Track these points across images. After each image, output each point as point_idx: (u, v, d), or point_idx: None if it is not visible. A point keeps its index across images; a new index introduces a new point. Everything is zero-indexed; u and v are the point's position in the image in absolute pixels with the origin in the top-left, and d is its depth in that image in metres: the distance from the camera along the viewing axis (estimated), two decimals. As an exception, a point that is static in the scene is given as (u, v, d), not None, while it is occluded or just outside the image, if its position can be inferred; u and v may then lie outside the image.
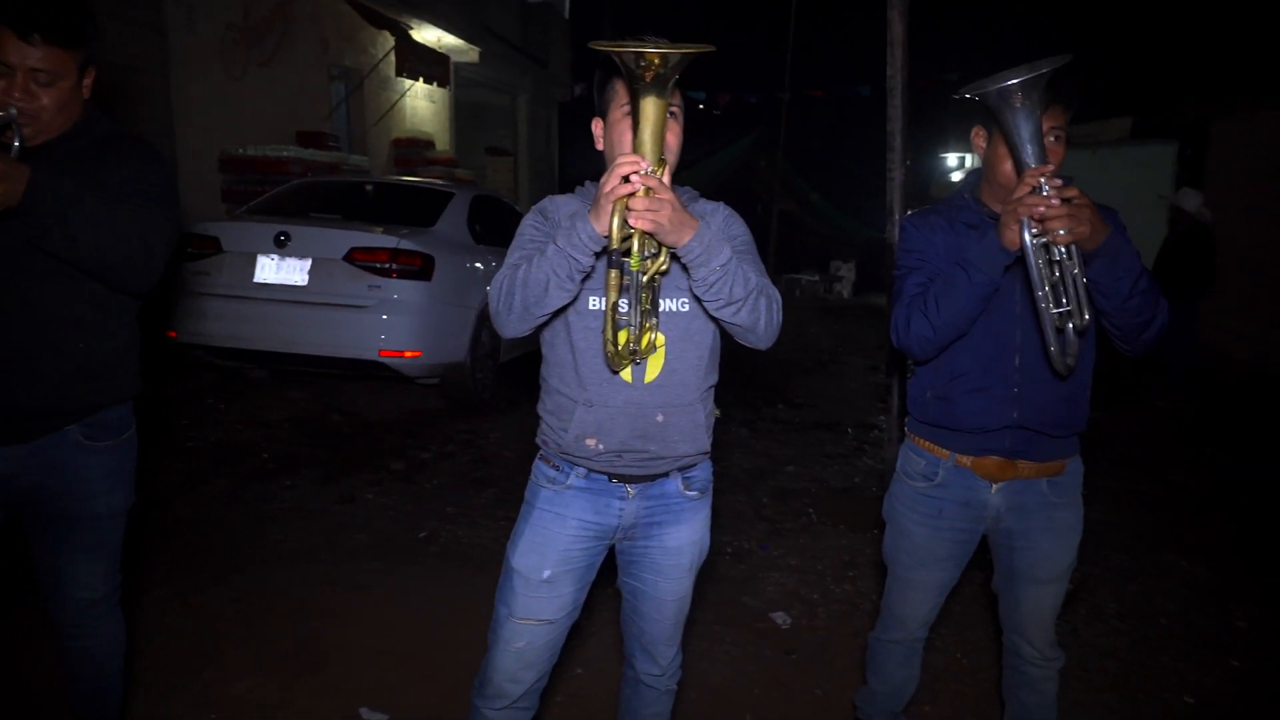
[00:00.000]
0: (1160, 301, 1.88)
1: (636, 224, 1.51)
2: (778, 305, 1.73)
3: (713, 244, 1.59)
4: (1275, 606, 3.49)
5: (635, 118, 1.53)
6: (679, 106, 1.73)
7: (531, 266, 1.63)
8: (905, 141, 3.29)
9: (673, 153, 1.72)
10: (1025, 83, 1.68)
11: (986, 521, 2.11)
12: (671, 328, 1.77)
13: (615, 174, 1.50)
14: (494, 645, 1.86)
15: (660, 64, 1.43)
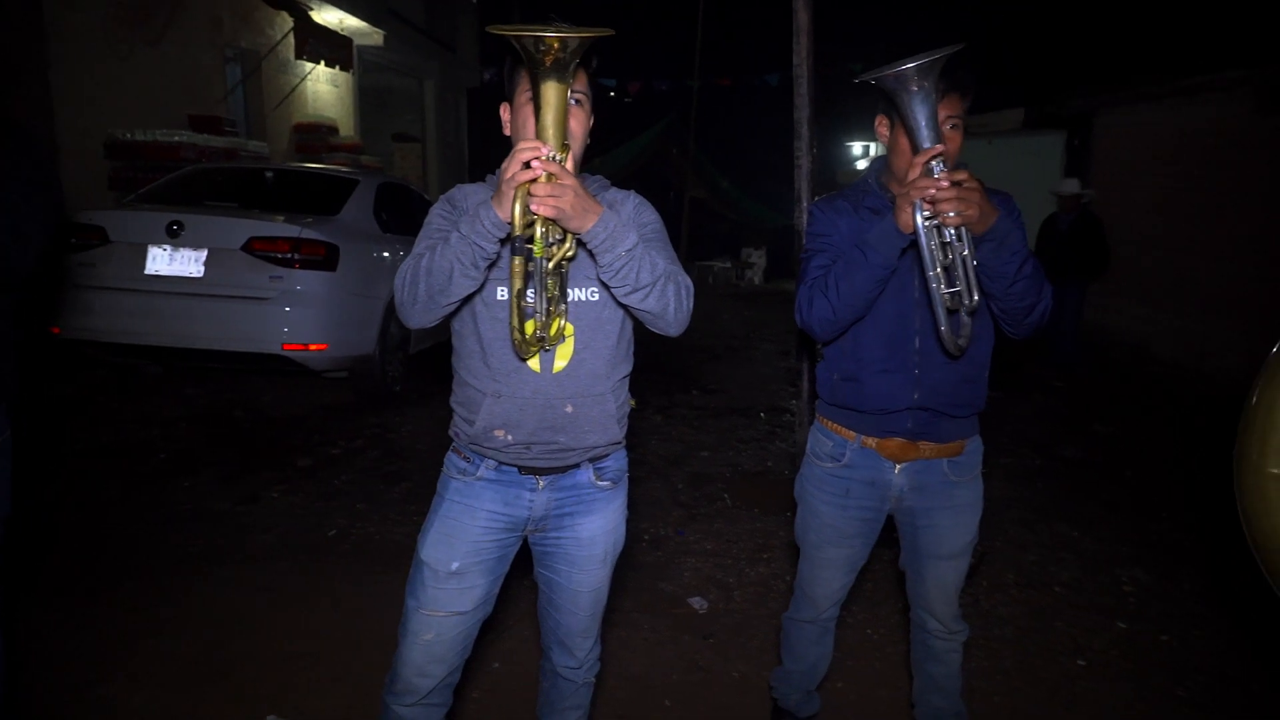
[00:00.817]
0: (1044, 287, 1.94)
1: (539, 210, 1.50)
2: (688, 292, 1.73)
3: (617, 229, 1.59)
4: (1156, 570, 3.71)
5: (536, 103, 1.51)
6: (585, 94, 1.72)
7: (435, 255, 1.60)
8: (812, 129, 3.34)
9: (578, 139, 1.71)
10: (921, 67, 1.72)
11: (891, 501, 2.18)
12: (581, 317, 1.76)
13: (515, 159, 1.49)
14: (403, 639, 1.83)
15: (559, 48, 1.42)
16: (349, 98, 12.38)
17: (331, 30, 10.94)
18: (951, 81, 1.89)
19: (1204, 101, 7.83)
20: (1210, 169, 7.75)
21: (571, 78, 1.51)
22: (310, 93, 11.29)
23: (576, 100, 1.69)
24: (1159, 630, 3.22)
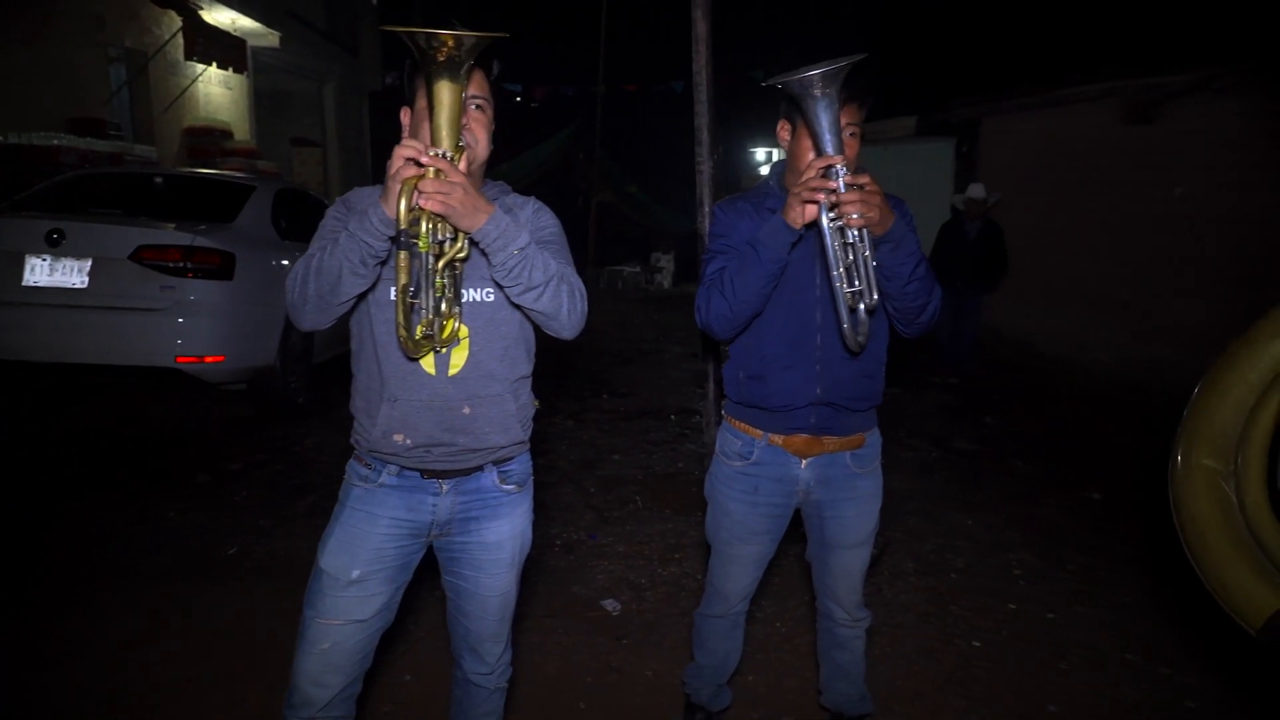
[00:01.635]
0: (935, 289, 2.05)
1: (426, 205, 1.51)
2: (581, 295, 1.76)
3: (509, 229, 1.61)
4: (1042, 552, 3.94)
5: (431, 103, 1.52)
6: (486, 99, 1.73)
7: (326, 255, 1.60)
8: (713, 135, 3.42)
9: (482, 144, 1.73)
10: (826, 74, 1.79)
11: (798, 495, 2.25)
12: (475, 318, 1.76)
13: (399, 155, 1.51)
14: (300, 649, 1.79)
15: (453, 46, 1.44)
16: (244, 101, 11.94)
17: (223, 31, 10.54)
18: (851, 91, 1.98)
19: (1076, 111, 8.33)
20: (1083, 174, 8.25)
21: (466, 79, 1.52)
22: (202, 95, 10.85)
23: (477, 105, 1.71)
24: (1044, 609, 3.41)
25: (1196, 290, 6.90)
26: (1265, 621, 1.45)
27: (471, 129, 1.70)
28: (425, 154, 1.50)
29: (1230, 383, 1.64)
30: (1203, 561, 1.58)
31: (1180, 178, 7.11)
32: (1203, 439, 1.63)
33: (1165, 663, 3.03)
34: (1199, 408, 1.66)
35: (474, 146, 1.70)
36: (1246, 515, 1.56)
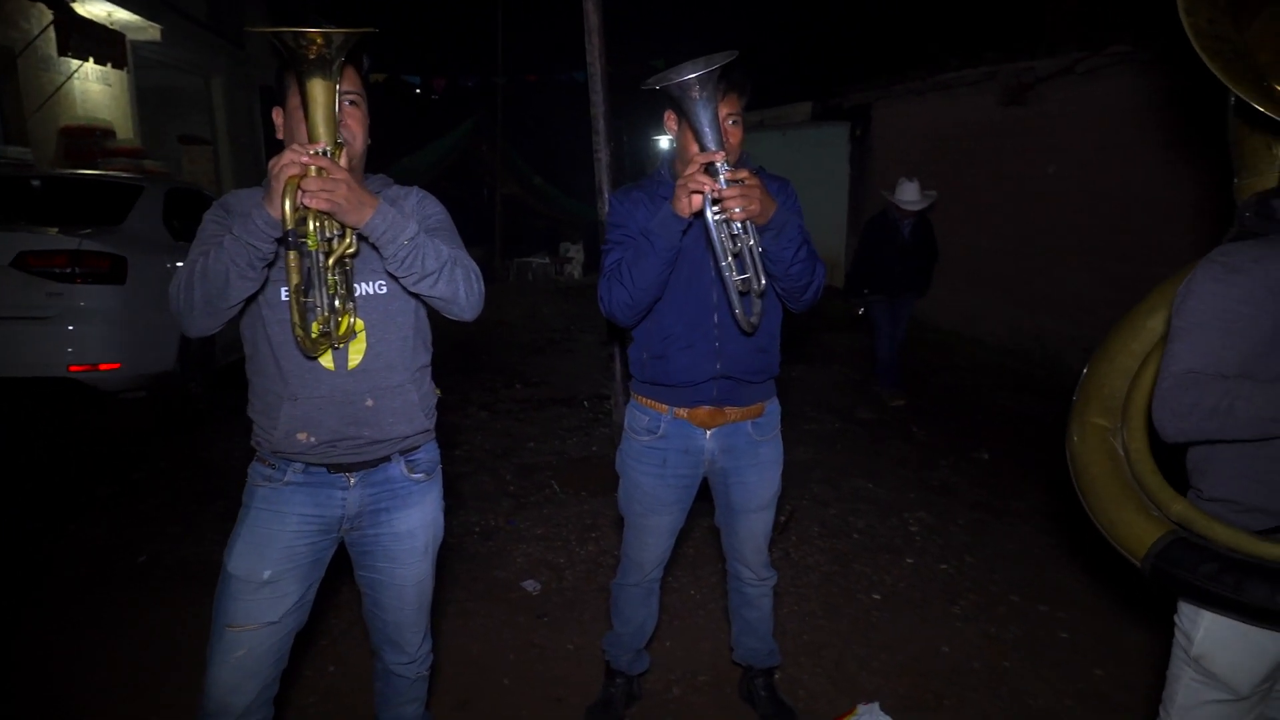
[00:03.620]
0: (817, 268, 2.18)
1: (310, 203, 1.52)
2: (477, 276, 1.80)
3: (396, 220, 1.63)
4: (936, 511, 4.20)
5: (304, 101, 1.53)
6: (359, 94, 1.74)
7: (210, 259, 1.58)
8: (609, 124, 3.51)
9: (358, 139, 1.74)
10: (701, 76, 1.89)
11: (704, 465, 2.38)
12: (371, 311, 1.78)
13: (283, 157, 1.51)
14: (211, 659, 1.77)
15: (322, 45, 1.45)
16: (125, 98, 11.40)
17: (99, 24, 10.04)
18: (730, 82, 2.09)
19: (959, 95, 8.75)
20: (967, 155, 8.67)
21: (339, 76, 1.53)
22: (79, 93, 10.32)
23: (351, 101, 1.72)
24: (939, 561, 3.66)
25: (1074, 263, 7.36)
26: (1146, 551, 1.62)
27: (348, 124, 1.71)
28: (306, 152, 1.51)
29: (1117, 352, 1.85)
30: (1094, 504, 1.76)
31: (1053, 157, 7.56)
32: (1095, 401, 1.84)
33: (1044, 601, 3.30)
34: (1092, 375, 1.87)
35: (352, 142, 1.71)
36: (1131, 463, 1.75)
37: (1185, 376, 1.53)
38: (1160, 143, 6.39)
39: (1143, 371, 1.80)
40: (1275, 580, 1.46)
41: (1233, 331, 1.51)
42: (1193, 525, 1.61)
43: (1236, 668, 1.59)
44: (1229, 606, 1.53)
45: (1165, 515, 1.66)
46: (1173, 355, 1.57)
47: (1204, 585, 1.53)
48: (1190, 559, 1.56)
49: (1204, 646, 1.61)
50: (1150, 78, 6.49)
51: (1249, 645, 1.57)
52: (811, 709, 2.64)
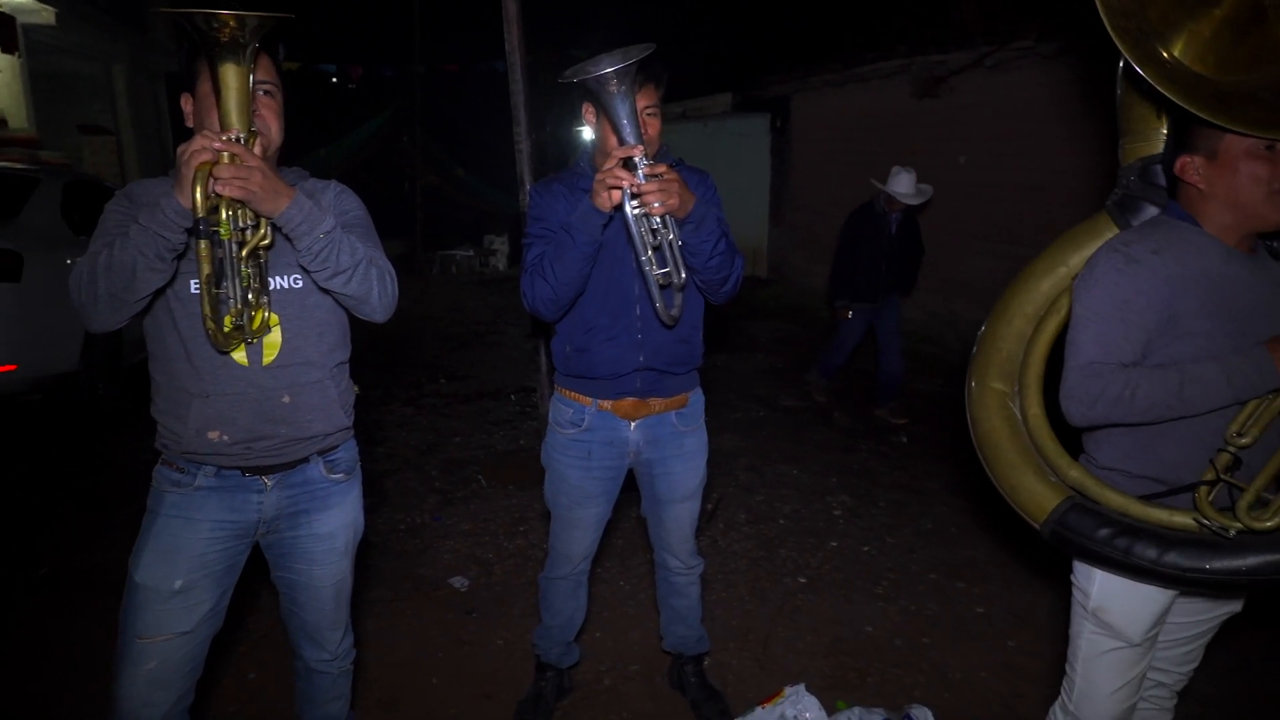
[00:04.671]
0: (736, 260, 2.19)
1: (223, 191, 1.47)
2: (391, 277, 1.77)
3: (313, 213, 1.59)
4: (858, 494, 4.31)
5: (216, 87, 1.48)
6: (274, 83, 1.69)
7: (115, 250, 1.52)
8: (530, 114, 3.48)
9: (274, 129, 1.69)
10: (618, 71, 1.89)
11: (629, 456, 2.39)
12: (286, 305, 1.74)
13: (194, 143, 1.46)
14: (120, 672, 1.71)
15: (235, 28, 1.40)
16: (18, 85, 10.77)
17: (-15, 7, 9.48)
18: (648, 74, 2.09)
19: (875, 87, 8.95)
20: (884, 145, 8.87)
21: (253, 63, 1.49)
22: (-36, 79, 9.74)
23: (266, 91, 1.67)
24: (861, 543, 3.76)
25: (986, 249, 7.62)
26: (1046, 516, 1.71)
27: (263, 115, 1.66)
28: (219, 138, 1.46)
29: (1013, 315, 1.92)
30: (995, 470, 1.83)
31: (964, 147, 7.80)
32: (992, 366, 1.90)
33: (960, 578, 3.42)
34: (988, 338, 1.93)
35: (267, 133, 1.66)
36: (1029, 428, 1.83)
37: (1089, 367, 1.62)
38: (1063, 133, 6.66)
39: (1037, 335, 1.86)
40: (1161, 543, 1.57)
41: (1131, 321, 1.60)
42: (1087, 491, 1.71)
43: (1130, 617, 1.70)
44: (1121, 567, 1.64)
45: (1062, 481, 1.75)
46: (1077, 346, 1.65)
47: (1098, 549, 1.64)
48: (1086, 524, 1.66)
49: (1100, 600, 1.72)
50: (1053, 71, 6.75)
51: (1139, 596, 1.69)
52: (740, 693, 2.68)
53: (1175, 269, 1.60)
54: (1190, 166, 1.64)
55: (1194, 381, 1.54)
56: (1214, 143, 1.60)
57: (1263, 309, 1.60)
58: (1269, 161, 1.56)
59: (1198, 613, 1.82)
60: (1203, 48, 1.67)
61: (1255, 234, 1.64)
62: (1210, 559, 1.53)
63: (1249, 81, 1.60)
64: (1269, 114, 1.51)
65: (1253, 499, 1.54)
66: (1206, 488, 1.58)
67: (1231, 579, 1.53)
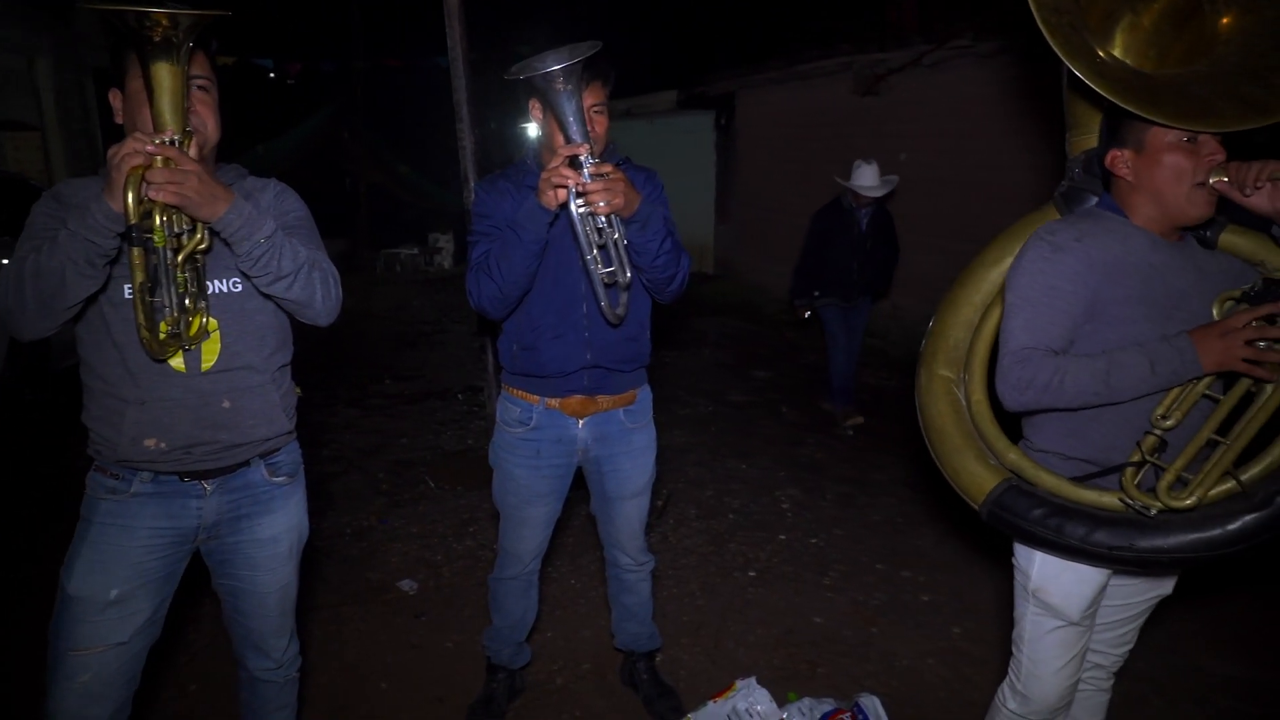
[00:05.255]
0: (682, 259, 2.19)
1: (157, 196, 1.43)
2: (335, 280, 1.73)
3: (253, 216, 1.55)
4: (805, 487, 4.36)
5: (149, 86, 1.44)
6: (209, 79, 1.64)
7: (43, 256, 1.47)
8: (473, 111, 3.45)
9: (210, 127, 1.65)
10: (564, 69, 1.87)
11: (578, 454, 2.38)
12: (225, 309, 1.69)
13: (125, 145, 1.41)
14: (52, 686, 1.65)
15: (168, 26, 1.36)
16: (-69, 79, 10.32)
17: (-106, -4, 9.04)
18: (594, 72, 2.08)
19: (817, 84, 9.06)
20: (826, 142, 8.99)
21: (187, 61, 1.44)
22: (-127, 72, 9.27)
23: (201, 86, 1.62)
24: (809, 535, 3.81)
25: (927, 244, 7.77)
26: (984, 497, 1.76)
27: (198, 111, 1.60)
28: (151, 141, 1.41)
29: (961, 304, 1.96)
30: (940, 453, 1.88)
31: (905, 144, 7.93)
32: (940, 353, 1.94)
33: (907, 567, 3.49)
34: (938, 326, 1.97)
35: (202, 130, 1.61)
36: (972, 413, 1.88)
37: (1021, 353, 1.67)
38: (1002, 130, 6.82)
39: (984, 323, 1.91)
40: (1090, 522, 1.63)
41: (1059, 308, 1.66)
42: (1024, 473, 1.77)
43: (1067, 596, 1.76)
44: (1053, 546, 1.69)
45: (1001, 463, 1.80)
46: (1009, 332, 1.71)
47: (1031, 529, 1.70)
48: (1021, 505, 1.71)
49: (1039, 581, 1.79)
50: (991, 69, 6.91)
51: (1075, 576, 1.75)
52: (693, 688, 2.69)
53: (1100, 256, 1.65)
54: (1119, 159, 1.70)
55: (1120, 369, 1.59)
56: (1141, 136, 1.65)
57: (1188, 295, 1.66)
58: (1191, 154, 1.61)
59: (1130, 595, 1.89)
60: (1144, 42, 1.73)
61: (1181, 225, 1.69)
62: (1136, 538, 1.59)
63: (1183, 75, 1.66)
64: (1194, 107, 1.56)
65: (1173, 479, 1.60)
66: (1133, 469, 1.64)
67: (1155, 557, 1.59)
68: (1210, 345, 1.54)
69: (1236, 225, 1.71)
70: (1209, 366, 1.56)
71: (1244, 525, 1.53)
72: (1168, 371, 1.58)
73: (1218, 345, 1.54)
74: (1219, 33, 1.67)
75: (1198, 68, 1.66)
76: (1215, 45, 1.67)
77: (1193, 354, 1.56)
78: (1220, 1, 1.67)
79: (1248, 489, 1.56)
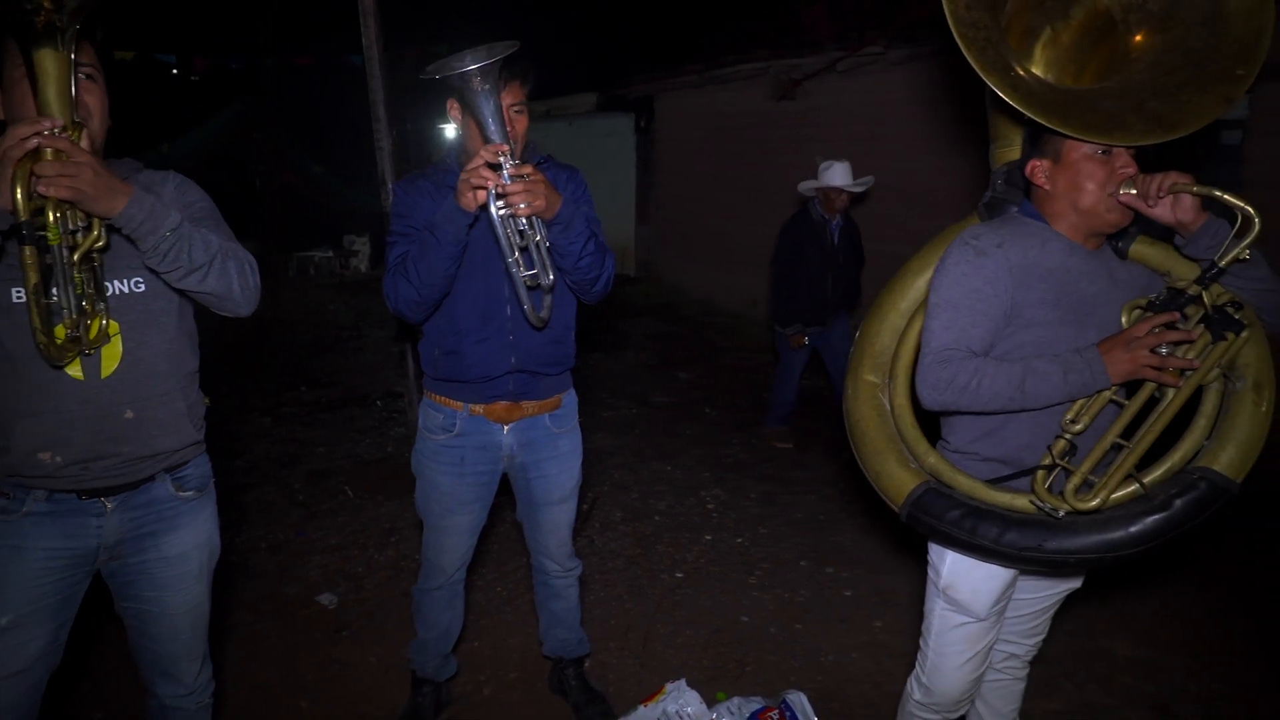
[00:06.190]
0: (607, 260, 2.18)
1: (49, 191, 1.36)
2: (251, 267, 1.67)
3: (156, 209, 1.48)
4: (730, 487, 4.41)
5: (32, 75, 1.37)
6: (95, 67, 1.56)
7: None
8: (390, 110, 3.37)
9: (97, 117, 1.56)
10: (482, 68, 1.84)
11: (503, 460, 2.34)
12: (127, 311, 1.61)
13: (11, 136, 1.34)
14: None
15: (51, 9, 1.29)
16: None
17: None
18: (513, 71, 2.05)
19: (734, 88, 9.17)
20: (744, 145, 9.12)
21: (73, 48, 1.37)
22: None
23: (87, 75, 1.54)
24: (735, 535, 3.85)
25: (841, 246, 7.95)
26: (904, 499, 1.80)
27: (84, 102, 1.52)
28: (44, 130, 1.33)
29: (887, 310, 2.00)
30: (863, 456, 1.92)
31: (821, 148, 8.07)
32: (866, 359, 1.98)
33: (829, 563, 3.56)
34: (865, 332, 2.01)
35: (89, 121, 1.52)
36: (895, 417, 1.92)
37: (941, 353, 1.72)
38: (913, 135, 7.03)
39: (909, 329, 1.96)
40: (1002, 524, 1.69)
41: (979, 310, 1.71)
42: (941, 475, 1.82)
43: (976, 594, 1.83)
44: (968, 547, 1.75)
45: (921, 466, 1.85)
46: (931, 333, 1.75)
47: (948, 530, 1.75)
48: (939, 506, 1.76)
49: (950, 579, 1.85)
50: (902, 76, 7.12)
51: (984, 574, 1.81)
52: (623, 692, 2.69)
53: (1019, 260, 1.71)
54: (1039, 169, 1.76)
55: (1035, 376, 1.65)
56: (1058, 147, 1.72)
57: (1099, 301, 1.73)
58: (1104, 165, 1.68)
59: (1042, 589, 1.97)
60: (1064, 58, 1.80)
61: (1098, 233, 1.76)
62: (1045, 539, 1.65)
63: (1095, 91, 1.73)
64: (1104, 120, 1.63)
65: (1079, 482, 1.66)
66: (1044, 471, 1.70)
67: (1063, 558, 1.64)
68: (1116, 356, 1.61)
69: (1147, 236, 1.79)
70: (1116, 377, 1.63)
71: (1145, 527, 1.59)
72: (1078, 383, 1.64)
73: (1123, 356, 1.60)
74: (1131, 50, 1.76)
75: (1110, 84, 1.73)
76: (1128, 62, 1.75)
77: (1100, 366, 1.62)
78: (1133, 21, 1.75)
79: (1150, 491, 1.63)
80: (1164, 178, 1.60)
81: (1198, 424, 1.64)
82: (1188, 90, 1.64)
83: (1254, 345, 1.64)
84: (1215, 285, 1.62)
